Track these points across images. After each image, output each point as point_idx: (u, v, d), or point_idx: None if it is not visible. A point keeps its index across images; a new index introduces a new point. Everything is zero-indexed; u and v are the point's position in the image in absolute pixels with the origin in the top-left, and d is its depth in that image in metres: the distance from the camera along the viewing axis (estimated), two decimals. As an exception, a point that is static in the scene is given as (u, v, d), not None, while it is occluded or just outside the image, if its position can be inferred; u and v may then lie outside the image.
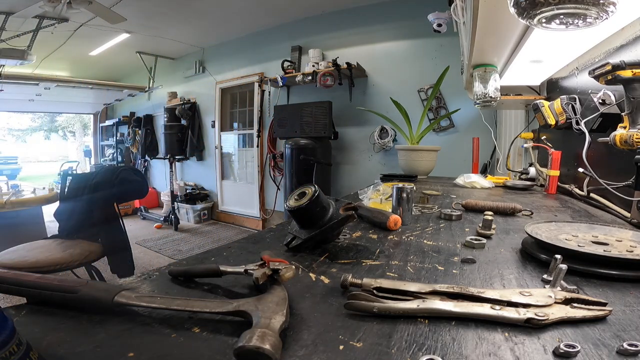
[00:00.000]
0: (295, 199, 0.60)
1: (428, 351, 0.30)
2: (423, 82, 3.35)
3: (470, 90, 1.77)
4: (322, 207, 0.59)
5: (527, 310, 0.34)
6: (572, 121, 1.23)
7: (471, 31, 1.13)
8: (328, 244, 0.63)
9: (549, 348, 0.30)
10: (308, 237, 0.58)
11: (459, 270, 0.51)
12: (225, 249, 0.61)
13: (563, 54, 1.34)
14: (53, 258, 1.86)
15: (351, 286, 0.41)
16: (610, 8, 0.60)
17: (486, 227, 0.70)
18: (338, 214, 0.59)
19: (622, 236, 0.60)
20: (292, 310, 0.36)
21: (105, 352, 0.30)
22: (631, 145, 0.77)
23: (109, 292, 0.37)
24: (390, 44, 3.55)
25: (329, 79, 3.50)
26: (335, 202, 0.62)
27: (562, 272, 0.40)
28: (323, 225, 0.58)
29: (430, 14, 2.75)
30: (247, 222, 4.75)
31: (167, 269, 0.48)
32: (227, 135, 5.06)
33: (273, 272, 0.40)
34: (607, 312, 0.35)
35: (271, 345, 0.27)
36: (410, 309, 0.36)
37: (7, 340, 0.24)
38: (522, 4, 0.64)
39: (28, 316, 0.37)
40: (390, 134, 3.49)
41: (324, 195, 0.60)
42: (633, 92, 0.79)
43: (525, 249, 0.58)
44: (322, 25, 3.89)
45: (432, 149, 2.10)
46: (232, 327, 0.34)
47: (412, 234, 0.72)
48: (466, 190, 1.48)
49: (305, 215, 0.59)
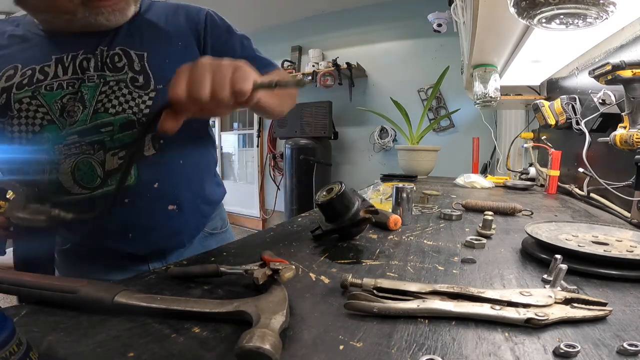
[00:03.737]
0: (324, 194, 0.64)
1: (428, 351, 0.30)
2: (423, 82, 3.35)
3: (470, 90, 1.78)
4: (344, 205, 0.62)
5: (527, 310, 0.34)
6: (572, 121, 1.23)
7: (471, 31, 1.13)
8: (351, 240, 0.66)
9: (549, 348, 0.30)
10: (326, 230, 0.63)
11: (459, 270, 0.51)
12: (225, 248, 0.61)
13: (563, 54, 1.34)
14: (53, 258, 1.85)
15: (351, 286, 0.41)
16: (610, 8, 0.60)
17: (486, 227, 0.70)
18: (357, 214, 0.61)
19: (622, 236, 0.60)
20: (292, 310, 0.36)
21: (105, 352, 0.30)
22: (631, 145, 0.77)
23: (109, 292, 0.37)
24: (390, 44, 3.55)
25: (329, 79, 3.50)
26: (362, 201, 0.64)
27: (562, 272, 0.40)
28: (342, 222, 0.62)
29: (430, 14, 2.76)
30: (247, 222, 4.75)
31: (167, 269, 0.48)
32: (227, 135, 5.06)
33: (273, 272, 0.40)
34: (607, 312, 0.35)
35: (271, 345, 0.27)
36: (410, 309, 0.36)
37: (7, 340, 0.24)
38: (522, 4, 0.64)
39: (28, 316, 0.37)
40: (390, 134, 3.49)
41: (350, 194, 0.63)
42: (633, 92, 0.79)
43: (525, 249, 0.58)
44: (322, 25, 3.89)
45: (432, 149, 2.10)
46: (232, 327, 0.34)
47: (412, 234, 0.72)
48: (466, 190, 1.48)
49: (328, 209, 0.63)
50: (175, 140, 0.62)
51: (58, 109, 0.58)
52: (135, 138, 0.59)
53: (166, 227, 0.68)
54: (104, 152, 0.59)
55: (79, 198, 0.60)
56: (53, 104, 0.58)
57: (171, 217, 0.68)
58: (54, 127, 0.58)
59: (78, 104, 0.59)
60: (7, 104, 0.57)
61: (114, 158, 0.60)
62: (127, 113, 0.60)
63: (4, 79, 0.58)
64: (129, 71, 0.61)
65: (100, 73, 0.60)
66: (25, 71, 0.58)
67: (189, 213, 0.71)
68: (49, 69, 0.59)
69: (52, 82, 0.58)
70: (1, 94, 0.57)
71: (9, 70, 0.58)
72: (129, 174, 0.43)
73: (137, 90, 0.61)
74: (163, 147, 0.64)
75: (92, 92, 0.59)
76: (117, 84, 0.60)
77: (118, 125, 0.60)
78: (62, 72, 0.59)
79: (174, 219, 0.68)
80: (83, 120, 0.58)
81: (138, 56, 0.62)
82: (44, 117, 0.58)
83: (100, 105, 0.59)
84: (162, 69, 0.63)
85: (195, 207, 0.73)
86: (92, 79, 0.60)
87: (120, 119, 0.60)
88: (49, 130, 0.58)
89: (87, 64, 0.60)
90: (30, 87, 0.57)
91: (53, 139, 0.57)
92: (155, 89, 0.62)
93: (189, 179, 0.70)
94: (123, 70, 0.61)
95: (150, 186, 0.63)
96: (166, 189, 0.65)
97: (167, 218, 0.67)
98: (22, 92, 0.57)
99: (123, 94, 0.60)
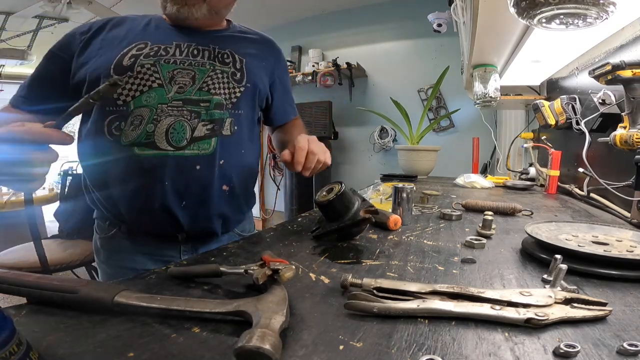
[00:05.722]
0: (324, 194, 0.64)
1: (428, 351, 0.30)
2: (423, 82, 3.35)
3: (470, 90, 1.78)
4: (344, 205, 0.62)
5: (527, 310, 0.34)
6: (572, 121, 1.23)
7: (471, 31, 1.13)
8: (351, 240, 0.66)
9: (549, 348, 0.30)
10: (326, 230, 0.64)
11: (459, 270, 0.51)
12: (225, 249, 0.61)
13: (563, 54, 1.34)
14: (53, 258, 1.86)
15: (351, 286, 0.41)
16: (610, 8, 0.60)
17: (486, 227, 0.70)
18: (357, 214, 0.61)
19: (622, 236, 0.60)
20: (292, 310, 0.36)
21: (105, 352, 0.30)
22: (631, 145, 0.77)
23: (109, 292, 0.37)
24: (390, 44, 3.55)
25: (329, 79, 3.50)
26: (362, 202, 0.64)
27: (562, 272, 0.40)
28: (342, 222, 0.62)
29: (430, 14, 2.76)
30: (247, 222, 4.75)
31: (167, 269, 0.48)
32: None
33: (273, 272, 0.40)
34: (607, 312, 0.35)
35: (271, 345, 0.27)
36: (410, 309, 0.36)
37: (7, 340, 0.24)
38: (522, 4, 0.64)
39: (28, 316, 0.37)
40: (390, 134, 3.49)
41: (350, 194, 0.64)
42: (633, 92, 0.79)
43: (525, 249, 0.58)
44: (322, 25, 3.89)
45: (432, 149, 2.10)
46: (232, 327, 0.34)
47: (412, 234, 0.72)
48: (466, 190, 1.48)
49: (328, 209, 0.64)
50: (244, 132, 0.81)
51: (168, 77, 0.73)
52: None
53: (214, 206, 0.78)
54: (198, 121, 0.73)
55: (160, 154, 0.71)
56: (166, 73, 0.73)
57: (221, 196, 0.78)
58: (162, 90, 0.72)
59: (189, 80, 0.74)
60: (131, 66, 0.72)
61: (203, 128, 0.74)
62: (222, 96, 0.77)
63: (135, 49, 0.74)
64: (232, 67, 0.80)
65: (211, 62, 0.78)
66: (152, 47, 0.75)
67: (235, 200, 0.83)
68: (170, 49, 0.76)
69: (170, 58, 0.75)
70: (130, 58, 0.73)
71: (141, 44, 0.75)
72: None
73: (233, 82, 0.79)
74: (237, 133, 0.79)
75: (202, 75, 0.76)
76: (222, 73, 0.78)
77: (214, 103, 0.75)
78: (178, 54, 0.76)
79: (222, 199, 0.79)
80: (190, 92, 0.74)
81: (240, 60, 0.82)
82: (154, 81, 0.72)
83: (205, 85, 0.75)
84: (253, 74, 0.83)
85: (240, 196, 0.85)
86: (205, 65, 0.77)
87: (216, 99, 0.76)
88: (157, 91, 0.72)
89: (197, 52, 0.78)
90: (154, 58, 0.74)
91: (158, 98, 0.72)
92: (244, 85, 0.80)
93: (244, 169, 0.83)
94: (228, 65, 0.80)
95: (218, 161, 0.76)
96: (227, 169, 0.78)
97: (219, 196, 0.78)
98: (146, 60, 0.73)
99: (224, 82, 0.78)
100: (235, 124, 0.78)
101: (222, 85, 0.77)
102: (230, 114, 0.77)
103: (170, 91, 0.73)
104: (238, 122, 0.79)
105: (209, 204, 0.77)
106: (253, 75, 0.82)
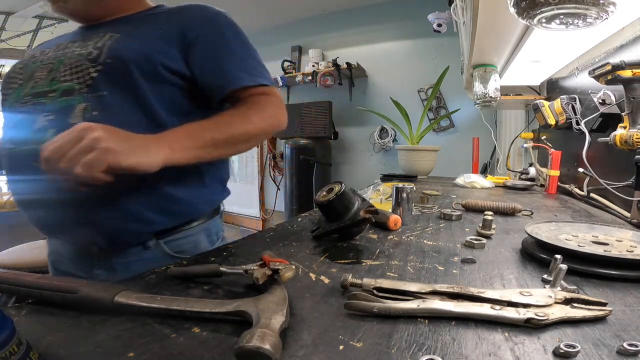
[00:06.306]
0: (324, 194, 0.64)
1: (428, 351, 0.30)
2: (423, 82, 3.35)
3: (470, 90, 1.78)
4: (344, 205, 0.62)
5: (527, 310, 0.34)
6: (572, 121, 1.23)
7: (471, 31, 1.13)
8: (351, 240, 0.66)
9: (549, 348, 0.30)
10: (326, 230, 0.64)
11: (459, 270, 0.51)
12: (224, 249, 0.61)
13: (563, 54, 1.34)
14: (53, 258, 1.85)
15: (351, 286, 0.41)
16: (610, 8, 0.60)
17: (486, 227, 0.70)
18: (357, 215, 0.61)
19: (622, 236, 0.60)
20: (292, 310, 0.36)
21: (105, 352, 0.30)
22: (631, 145, 0.77)
23: (109, 292, 0.37)
24: (390, 44, 3.55)
25: (329, 79, 3.50)
26: (362, 202, 0.64)
27: (562, 272, 0.40)
28: (342, 222, 0.62)
29: (430, 14, 2.76)
30: (247, 222, 4.75)
31: (167, 269, 0.48)
32: (227, 135, 5.04)
33: (273, 272, 0.40)
34: (607, 312, 0.35)
35: (271, 345, 0.27)
36: (410, 309, 0.36)
37: (7, 340, 0.24)
38: (522, 4, 0.64)
39: (28, 316, 0.37)
40: (390, 134, 3.49)
41: (350, 194, 0.64)
42: (633, 92, 0.79)
43: (525, 249, 0.58)
44: (322, 25, 3.89)
45: (432, 149, 2.10)
46: (232, 327, 0.34)
47: (412, 234, 0.72)
48: (466, 190, 1.48)
49: (328, 209, 0.64)
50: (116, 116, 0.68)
51: (28, 76, 0.69)
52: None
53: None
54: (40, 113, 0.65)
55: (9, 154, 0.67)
56: (28, 73, 0.69)
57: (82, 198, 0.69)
58: (20, 89, 0.68)
59: (45, 73, 0.67)
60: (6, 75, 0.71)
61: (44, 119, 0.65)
62: (73, 82, 0.66)
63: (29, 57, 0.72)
64: (91, 48, 0.68)
65: (74, 50, 0.69)
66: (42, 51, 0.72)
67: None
68: (51, 50, 0.71)
69: (41, 57, 0.70)
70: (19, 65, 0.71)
71: (37, 52, 0.72)
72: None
73: (87, 62, 0.67)
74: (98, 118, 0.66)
75: (59, 65, 0.68)
76: (77, 57, 0.67)
77: (61, 91, 0.66)
78: (54, 51, 0.70)
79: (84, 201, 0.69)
80: (42, 85, 0.67)
81: (109, 37, 0.69)
82: (15, 82, 0.69)
83: (58, 74, 0.67)
84: (122, 48, 0.67)
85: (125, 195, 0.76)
86: (66, 55, 0.68)
87: (65, 86, 0.66)
88: (16, 91, 0.68)
89: (71, 45, 0.70)
90: (28, 61, 0.70)
91: (15, 98, 0.67)
92: (102, 63, 0.66)
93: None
94: (87, 47, 0.68)
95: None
96: None
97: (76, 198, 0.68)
98: (19, 65, 0.71)
99: (76, 66, 0.67)
100: (95, 109, 0.65)
101: (73, 69, 0.66)
102: (85, 98, 0.64)
103: (25, 89, 0.67)
104: (100, 106, 0.65)
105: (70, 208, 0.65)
106: (119, 50, 0.67)
